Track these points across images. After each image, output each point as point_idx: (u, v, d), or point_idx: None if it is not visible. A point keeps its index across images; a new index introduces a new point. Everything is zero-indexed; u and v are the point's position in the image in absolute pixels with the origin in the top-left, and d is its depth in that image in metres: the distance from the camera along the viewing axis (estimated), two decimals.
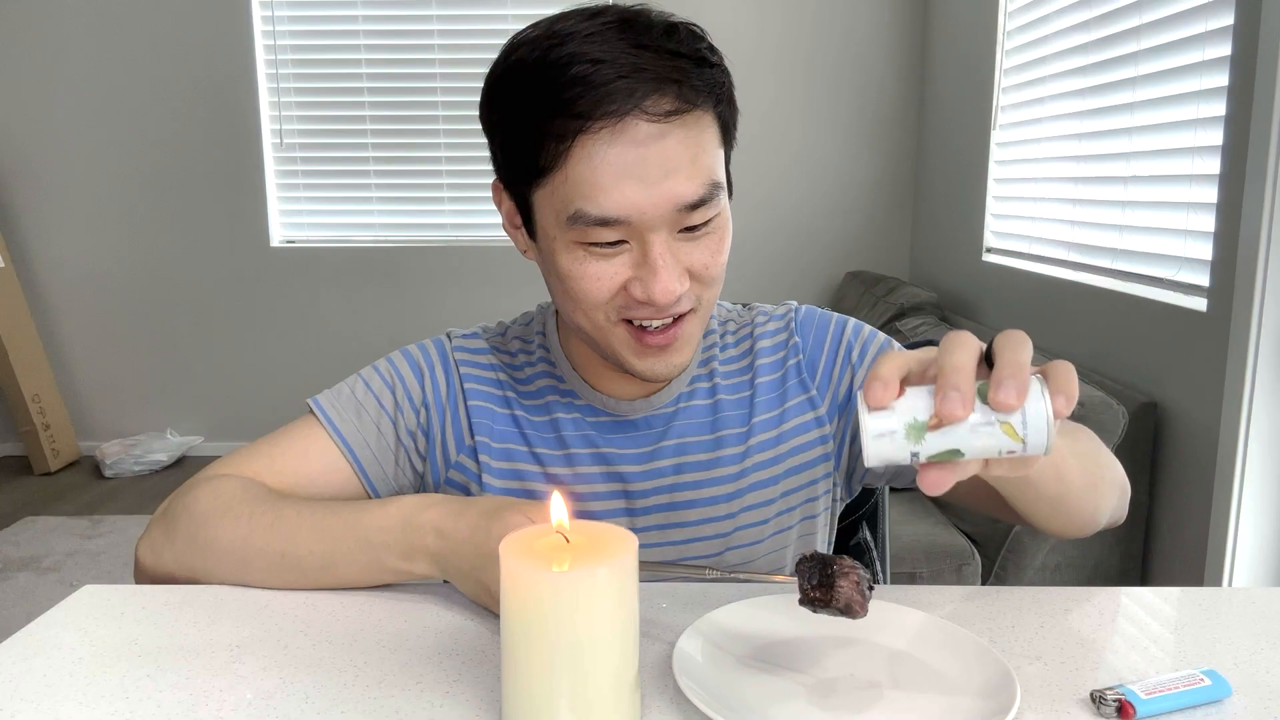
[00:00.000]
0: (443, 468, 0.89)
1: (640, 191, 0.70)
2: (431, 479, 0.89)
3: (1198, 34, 1.92)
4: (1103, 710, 0.56)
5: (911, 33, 3.67)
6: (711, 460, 0.86)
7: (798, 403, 0.88)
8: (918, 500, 2.30)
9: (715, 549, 0.86)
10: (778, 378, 0.89)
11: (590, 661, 0.52)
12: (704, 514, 0.86)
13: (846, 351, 0.89)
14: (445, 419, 0.88)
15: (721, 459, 0.86)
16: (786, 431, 0.88)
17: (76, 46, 3.66)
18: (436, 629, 0.69)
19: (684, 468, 0.86)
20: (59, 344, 3.89)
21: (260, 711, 0.58)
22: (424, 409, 0.88)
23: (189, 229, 3.78)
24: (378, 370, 0.89)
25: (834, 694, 0.58)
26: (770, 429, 0.87)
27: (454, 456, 0.88)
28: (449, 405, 0.89)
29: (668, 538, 0.86)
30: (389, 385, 0.88)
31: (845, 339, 0.89)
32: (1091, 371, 2.24)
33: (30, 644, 0.67)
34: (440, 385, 0.89)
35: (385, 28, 3.68)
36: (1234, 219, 1.76)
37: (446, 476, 0.89)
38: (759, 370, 0.88)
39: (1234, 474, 1.76)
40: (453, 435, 0.88)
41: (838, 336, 0.90)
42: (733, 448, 0.87)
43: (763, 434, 0.87)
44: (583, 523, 0.56)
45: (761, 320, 0.92)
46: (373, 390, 0.88)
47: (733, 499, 0.86)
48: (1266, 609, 0.71)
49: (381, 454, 0.87)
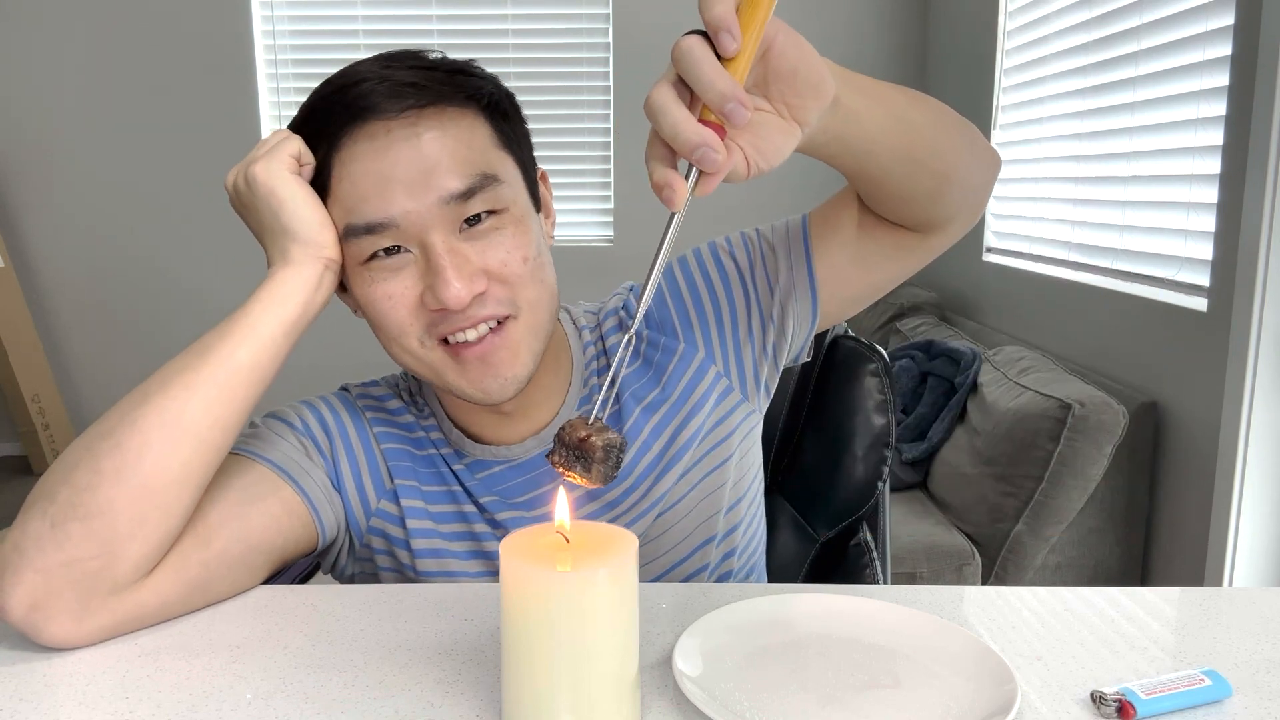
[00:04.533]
0: (363, 520, 0.83)
1: (401, 191, 0.71)
2: (355, 535, 0.84)
3: (1198, 34, 1.92)
4: (1103, 710, 0.56)
5: (911, 33, 3.67)
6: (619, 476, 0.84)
7: (672, 371, 0.85)
8: (918, 500, 2.30)
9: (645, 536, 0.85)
10: (639, 366, 0.86)
11: (590, 661, 0.52)
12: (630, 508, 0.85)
13: (690, 287, 0.86)
14: (360, 468, 0.83)
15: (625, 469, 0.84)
16: (675, 405, 0.85)
17: (77, 47, 3.66)
18: (436, 629, 0.69)
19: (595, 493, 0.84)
20: (59, 344, 3.89)
21: (260, 711, 0.58)
22: (331, 456, 0.82)
23: (189, 229, 3.78)
24: (282, 420, 0.83)
25: (834, 694, 0.58)
26: (655, 412, 0.85)
27: (374, 504, 0.84)
28: (363, 453, 0.83)
29: None
30: (301, 435, 0.82)
31: (680, 284, 0.86)
32: (1091, 371, 2.24)
33: (31, 645, 0.67)
34: (349, 430, 0.84)
35: (385, 28, 3.68)
36: (1234, 219, 1.76)
37: (369, 525, 0.84)
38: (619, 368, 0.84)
39: (1234, 474, 1.76)
40: (371, 481, 0.83)
41: (674, 288, 0.87)
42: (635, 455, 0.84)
43: (653, 420, 0.85)
44: (583, 523, 0.56)
45: (608, 319, 0.89)
46: (286, 438, 0.81)
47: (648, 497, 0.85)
48: (1266, 609, 0.71)
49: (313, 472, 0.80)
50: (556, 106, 3.69)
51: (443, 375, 0.76)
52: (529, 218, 0.77)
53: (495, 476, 0.84)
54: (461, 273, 0.71)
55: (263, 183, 0.73)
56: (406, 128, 0.71)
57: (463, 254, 0.72)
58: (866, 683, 0.60)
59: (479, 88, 0.76)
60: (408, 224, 0.72)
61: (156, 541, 0.68)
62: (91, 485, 0.66)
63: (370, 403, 0.87)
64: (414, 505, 0.84)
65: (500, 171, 0.75)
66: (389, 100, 0.71)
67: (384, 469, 0.84)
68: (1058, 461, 1.94)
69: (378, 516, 0.84)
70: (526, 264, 0.75)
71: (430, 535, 0.84)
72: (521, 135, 0.80)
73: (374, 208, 0.71)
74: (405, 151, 0.71)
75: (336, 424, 0.84)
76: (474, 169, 0.73)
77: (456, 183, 0.72)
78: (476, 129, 0.75)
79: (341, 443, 0.83)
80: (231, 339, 0.71)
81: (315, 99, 0.76)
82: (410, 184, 0.71)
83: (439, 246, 0.71)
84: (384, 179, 0.71)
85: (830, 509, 1.07)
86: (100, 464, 0.66)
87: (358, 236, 0.73)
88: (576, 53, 3.69)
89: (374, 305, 0.74)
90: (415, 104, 0.72)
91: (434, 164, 0.71)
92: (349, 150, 0.72)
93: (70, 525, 0.65)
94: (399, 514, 0.84)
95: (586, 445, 0.56)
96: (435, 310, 0.73)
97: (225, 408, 0.70)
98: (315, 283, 0.73)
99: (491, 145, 0.75)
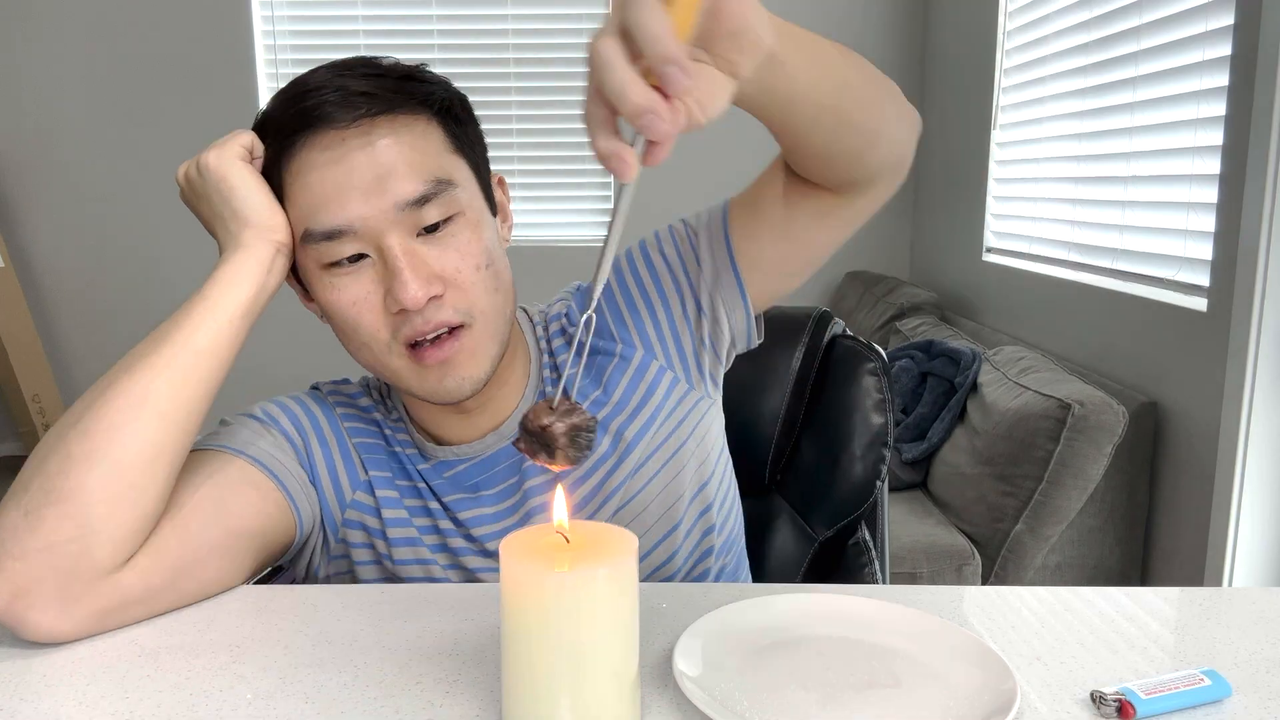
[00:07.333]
0: (338, 513, 0.84)
1: (357, 197, 0.73)
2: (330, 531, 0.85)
3: (1198, 34, 1.92)
4: (1103, 710, 0.56)
5: (911, 33, 3.67)
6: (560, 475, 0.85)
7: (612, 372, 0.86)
8: (918, 500, 2.30)
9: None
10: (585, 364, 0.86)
11: (590, 661, 0.52)
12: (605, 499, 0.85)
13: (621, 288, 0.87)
14: (334, 460, 0.84)
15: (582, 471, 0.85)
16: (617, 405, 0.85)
17: (76, 47, 3.66)
18: (437, 629, 0.69)
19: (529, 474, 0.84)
20: (59, 344, 3.89)
21: (260, 711, 0.58)
22: (305, 452, 0.83)
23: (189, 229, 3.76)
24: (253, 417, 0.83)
25: (834, 694, 0.58)
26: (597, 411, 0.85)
27: (349, 495, 0.85)
28: (336, 446, 0.85)
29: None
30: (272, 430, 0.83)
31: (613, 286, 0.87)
32: (1091, 371, 2.24)
33: (30, 644, 0.67)
34: (323, 425, 0.85)
35: (385, 27, 3.68)
36: (1234, 219, 1.76)
37: (344, 518, 0.85)
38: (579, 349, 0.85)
39: (1234, 474, 1.76)
40: (345, 473, 0.85)
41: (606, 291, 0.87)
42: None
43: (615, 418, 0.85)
44: (582, 523, 0.56)
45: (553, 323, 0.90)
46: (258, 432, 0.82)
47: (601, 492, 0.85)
48: (1266, 609, 0.71)
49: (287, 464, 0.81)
50: (556, 106, 3.68)
51: (404, 379, 0.78)
52: (483, 222, 0.79)
53: (460, 475, 0.86)
54: (418, 274, 0.73)
55: (214, 169, 0.75)
56: (360, 136, 0.73)
57: (419, 255, 0.74)
58: (866, 683, 0.60)
59: (430, 93, 0.77)
60: (365, 229, 0.73)
61: (132, 522, 0.68)
62: (63, 470, 0.67)
63: (341, 399, 0.89)
64: (388, 495, 0.85)
65: (454, 175, 0.77)
66: (341, 110, 0.73)
67: (357, 461, 0.86)
68: (1057, 461, 1.94)
69: (353, 508, 0.85)
70: (479, 272, 0.77)
71: (405, 525, 0.85)
72: (475, 138, 0.81)
73: (331, 215, 0.73)
74: (360, 158, 0.73)
75: (309, 419, 0.85)
76: (428, 174, 0.74)
77: (411, 187, 0.73)
78: (429, 134, 0.76)
79: (315, 437, 0.84)
80: (190, 322, 0.73)
81: (270, 108, 0.77)
82: (366, 190, 0.73)
83: (396, 249, 0.73)
84: (339, 186, 0.73)
85: (829, 508, 1.07)
86: (70, 449, 0.67)
87: (316, 243, 0.75)
88: (576, 53, 3.69)
89: (342, 312, 0.76)
90: (368, 113, 0.73)
91: (389, 170, 0.73)
92: (305, 158, 0.74)
93: (44, 510, 0.66)
94: (374, 504, 0.85)
95: (548, 432, 0.56)
96: (396, 313, 0.75)
97: (188, 389, 0.72)
98: (268, 265, 0.75)
99: (445, 149, 0.77)
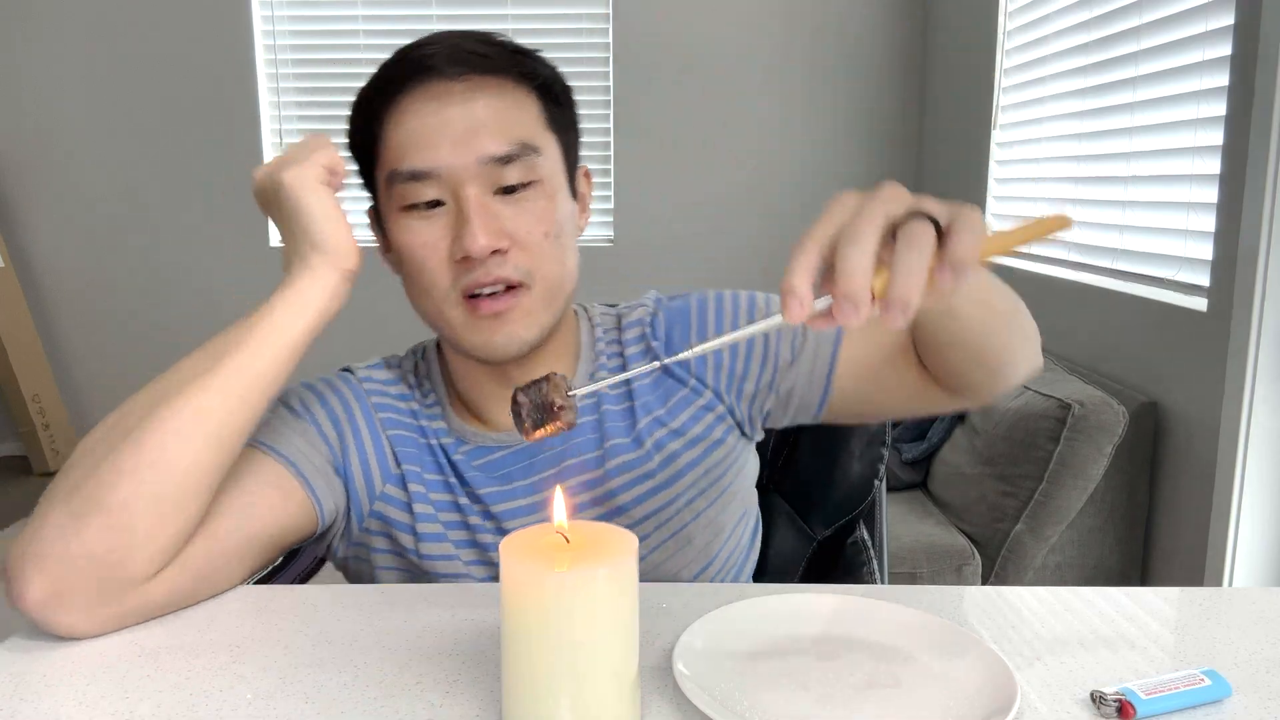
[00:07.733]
0: (365, 504, 0.84)
1: (446, 145, 0.76)
2: (355, 519, 0.85)
3: (1198, 34, 1.92)
4: (1103, 710, 0.56)
5: (911, 33, 3.67)
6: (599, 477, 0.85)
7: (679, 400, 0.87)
8: (917, 500, 2.30)
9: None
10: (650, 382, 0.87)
11: (590, 661, 0.52)
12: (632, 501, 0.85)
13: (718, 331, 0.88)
14: (367, 452, 0.84)
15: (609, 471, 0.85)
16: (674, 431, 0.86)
17: (76, 47, 3.66)
18: (437, 629, 0.69)
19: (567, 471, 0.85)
20: (59, 344, 3.89)
21: (260, 711, 0.58)
22: (339, 443, 0.83)
23: (189, 229, 3.78)
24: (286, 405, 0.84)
25: (834, 694, 0.58)
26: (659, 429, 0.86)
27: (379, 488, 0.84)
28: (369, 435, 0.85)
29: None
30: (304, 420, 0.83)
31: (709, 325, 0.88)
32: (1091, 371, 2.24)
33: (30, 644, 0.67)
34: (356, 415, 0.85)
35: (385, 28, 3.67)
36: (1234, 219, 1.76)
37: (372, 509, 0.85)
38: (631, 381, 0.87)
39: (1234, 474, 1.76)
40: (377, 465, 0.84)
41: (702, 325, 0.88)
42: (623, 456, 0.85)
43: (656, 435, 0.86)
44: (582, 523, 0.56)
45: (631, 328, 0.90)
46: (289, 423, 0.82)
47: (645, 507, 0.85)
48: (1266, 609, 0.71)
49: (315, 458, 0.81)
50: None
51: (457, 331, 0.80)
52: (561, 196, 0.81)
53: (496, 463, 0.86)
54: (488, 226, 0.76)
55: (291, 191, 0.74)
56: (463, 92, 0.77)
57: (492, 210, 0.77)
58: (866, 683, 0.60)
59: (536, 69, 0.81)
60: (448, 175, 0.77)
61: (171, 540, 0.69)
62: (113, 483, 0.67)
63: (375, 387, 0.88)
64: (419, 490, 0.85)
65: (542, 146, 0.79)
66: (451, 65, 0.77)
67: (390, 454, 0.85)
68: (1057, 461, 1.94)
69: (381, 500, 0.85)
70: (547, 239, 0.79)
71: (433, 520, 0.85)
72: (570, 122, 0.84)
73: (420, 157, 0.77)
74: (458, 112, 0.77)
75: (344, 409, 0.85)
76: (517, 138, 0.78)
77: (498, 146, 0.77)
78: (527, 105, 0.80)
79: (350, 429, 0.84)
80: (251, 343, 0.72)
81: (390, 59, 0.80)
82: (456, 141, 0.76)
83: (471, 199, 0.76)
84: (434, 132, 0.76)
85: (827, 507, 1.07)
86: (122, 463, 0.67)
87: (402, 183, 0.78)
88: (576, 53, 3.69)
89: (412, 254, 0.79)
90: (474, 70, 0.77)
91: (481, 126, 0.77)
92: (408, 102, 0.77)
93: (91, 519, 0.66)
94: (406, 499, 0.85)
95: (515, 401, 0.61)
96: (459, 261, 0.77)
97: (243, 412, 0.72)
98: (334, 291, 0.76)
99: (539, 123, 0.80)
